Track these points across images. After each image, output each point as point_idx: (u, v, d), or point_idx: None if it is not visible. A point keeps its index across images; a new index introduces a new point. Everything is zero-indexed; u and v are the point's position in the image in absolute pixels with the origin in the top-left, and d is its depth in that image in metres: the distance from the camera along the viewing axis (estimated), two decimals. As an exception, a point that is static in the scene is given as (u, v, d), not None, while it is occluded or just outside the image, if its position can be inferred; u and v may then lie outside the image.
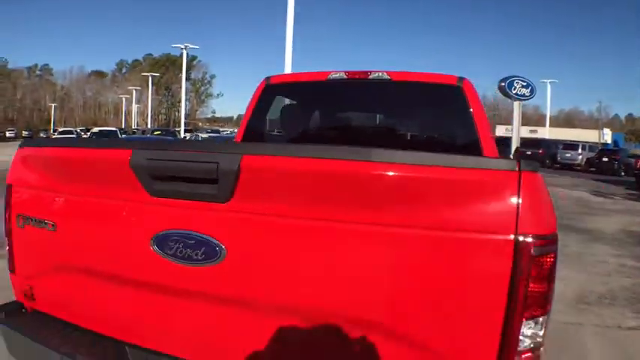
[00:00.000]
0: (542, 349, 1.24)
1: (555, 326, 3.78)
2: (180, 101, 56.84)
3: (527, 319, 1.16)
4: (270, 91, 3.30)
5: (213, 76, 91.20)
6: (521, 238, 1.12)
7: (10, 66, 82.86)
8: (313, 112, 3.49)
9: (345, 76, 3.12)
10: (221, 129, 55.52)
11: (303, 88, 3.36)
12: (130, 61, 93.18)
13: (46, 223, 1.63)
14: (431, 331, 1.20)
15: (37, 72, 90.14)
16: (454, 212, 1.16)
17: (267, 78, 3.35)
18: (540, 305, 1.17)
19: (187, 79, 74.43)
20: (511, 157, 4.92)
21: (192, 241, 1.33)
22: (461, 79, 2.91)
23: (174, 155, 1.39)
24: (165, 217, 1.40)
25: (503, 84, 31.52)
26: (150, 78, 55.09)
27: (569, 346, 3.49)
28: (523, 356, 1.18)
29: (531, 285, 1.14)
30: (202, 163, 1.31)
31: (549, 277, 1.18)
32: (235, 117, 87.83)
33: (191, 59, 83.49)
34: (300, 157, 1.27)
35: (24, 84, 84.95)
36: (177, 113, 72.84)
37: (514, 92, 31.54)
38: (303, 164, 1.25)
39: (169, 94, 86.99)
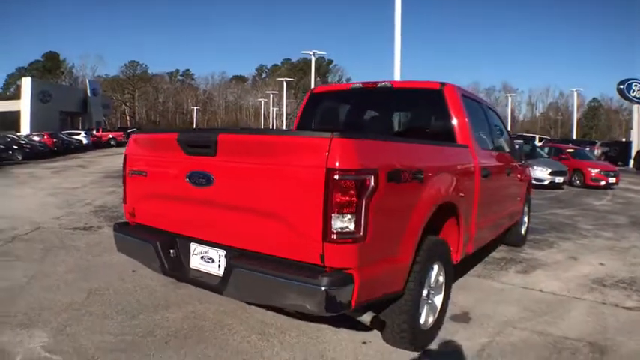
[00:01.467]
0: (359, 235, 2.09)
1: (553, 297, 4.10)
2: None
3: (336, 214, 2.03)
4: (314, 97, 4.38)
5: (349, 80, 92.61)
6: (329, 169, 2.03)
7: (151, 71, 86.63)
8: (341, 111, 4.42)
9: (361, 86, 4.07)
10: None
11: (334, 95, 4.39)
12: (269, 66, 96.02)
13: (141, 172, 2.90)
14: (292, 214, 2.17)
15: (179, 77, 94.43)
16: (303, 157, 2.12)
17: (312, 89, 4.48)
18: (345, 208, 2.04)
19: (324, 82, 76.63)
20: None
21: (201, 176, 2.49)
22: (443, 84, 3.61)
23: (195, 135, 2.62)
24: (191, 165, 2.56)
25: (621, 86, 28.64)
26: (284, 82, 57.13)
27: (553, 310, 3.76)
28: (336, 235, 2.06)
29: (335, 195, 2.02)
30: (204, 138, 2.49)
31: (353, 193, 2.04)
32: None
33: (327, 63, 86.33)
34: (238, 134, 2.49)
35: (166, 88, 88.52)
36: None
37: (632, 95, 28.34)
38: (241, 137, 2.43)
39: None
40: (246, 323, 3.24)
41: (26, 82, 28.23)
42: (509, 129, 6.01)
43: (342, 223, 2.06)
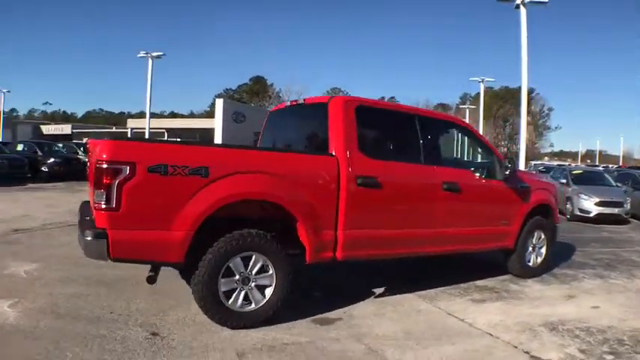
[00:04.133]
0: (111, 206, 2.82)
1: (461, 329, 3.70)
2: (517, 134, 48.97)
3: (96, 190, 2.83)
4: (272, 115, 5.03)
5: (550, 109, 79.64)
6: (96, 160, 2.89)
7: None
8: (283, 125, 4.91)
9: (289, 104, 4.66)
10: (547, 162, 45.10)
11: (280, 112, 4.94)
12: (472, 95, 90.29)
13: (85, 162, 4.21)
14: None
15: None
16: (97, 154, 2.88)
17: (271, 109, 5.21)
18: (101, 187, 2.81)
19: (527, 112, 70.25)
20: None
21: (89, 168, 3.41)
22: (330, 98, 3.83)
23: (88, 143, 3.71)
24: (89, 162, 3.54)
25: None
26: (480, 111, 47.72)
27: (429, 339, 3.40)
28: (96, 205, 2.87)
29: (95, 177, 2.91)
30: (88, 145, 3.59)
31: (106, 177, 2.77)
32: (583, 151, 75.45)
33: (529, 92, 77.89)
34: (93, 141, 3.39)
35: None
36: (515, 145, 62.81)
37: None
38: (92, 142, 3.43)
39: (508, 125, 79.72)
40: (153, 286, 4.02)
41: (219, 103, 30.23)
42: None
43: (100, 196, 2.82)
